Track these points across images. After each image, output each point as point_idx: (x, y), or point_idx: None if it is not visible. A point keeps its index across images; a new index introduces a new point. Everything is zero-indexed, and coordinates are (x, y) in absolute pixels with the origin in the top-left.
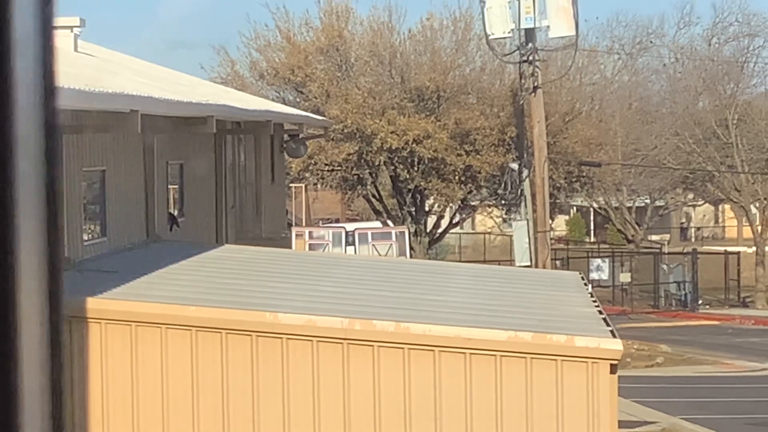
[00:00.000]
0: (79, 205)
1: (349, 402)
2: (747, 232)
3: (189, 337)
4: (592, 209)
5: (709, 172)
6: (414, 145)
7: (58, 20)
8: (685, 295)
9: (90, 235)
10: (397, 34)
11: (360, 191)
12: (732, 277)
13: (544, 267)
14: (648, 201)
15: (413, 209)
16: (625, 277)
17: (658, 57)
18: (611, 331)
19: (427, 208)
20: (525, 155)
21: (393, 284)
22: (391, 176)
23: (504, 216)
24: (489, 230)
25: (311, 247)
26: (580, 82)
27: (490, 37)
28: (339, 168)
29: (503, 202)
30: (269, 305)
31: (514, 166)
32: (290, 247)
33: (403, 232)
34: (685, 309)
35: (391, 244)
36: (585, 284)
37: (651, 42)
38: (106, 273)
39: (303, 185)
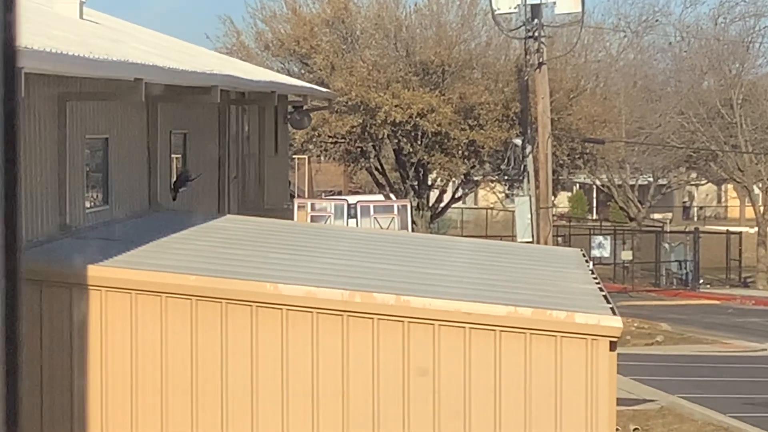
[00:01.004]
0: (81, 172)
1: (347, 374)
2: (749, 212)
3: (189, 306)
4: (594, 186)
5: (713, 152)
6: (418, 119)
7: None
8: (686, 274)
9: (92, 203)
10: (402, 8)
11: (363, 164)
12: (733, 257)
13: (545, 243)
14: (651, 179)
15: (416, 183)
16: (626, 255)
17: (663, 35)
18: (611, 309)
19: (429, 182)
20: (529, 131)
21: (394, 257)
22: (394, 150)
23: (506, 191)
24: (491, 205)
25: (313, 219)
26: (585, 59)
27: (496, 12)
28: (342, 140)
29: (506, 177)
30: (270, 276)
31: (518, 141)
32: (292, 219)
33: (406, 205)
34: (685, 288)
35: (393, 218)
36: (586, 261)
37: (657, 20)
38: (107, 241)
39: (306, 157)
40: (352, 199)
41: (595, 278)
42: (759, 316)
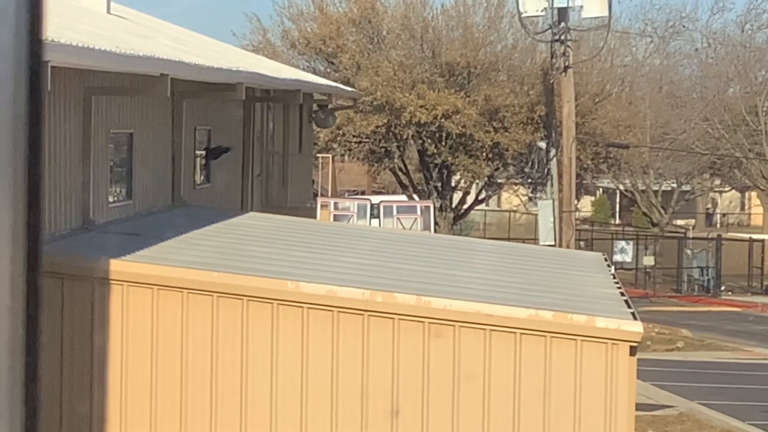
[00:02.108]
0: (105, 167)
1: (367, 373)
2: None
3: (210, 302)
4: (618, 191)
5: (737, 159)
6: (443, 120)
7: None
8: (708, 280)
9: (115, 198)
10: (429, 9)
11: (387, 164)
12: (756, 265)
13: (567, 247)
14: (674, 185)
15: (439, 184)
16: (648, 261)
17: (690, 41)
18: (632, 314)
19: (453, 184)
20: (553, 134)
21: (416, 258)
22: (418, 150)
23: (530, 194)
24: (514, 208)
25: (336, 218)
26: (611, 64)
27: (523, 15)
28: (367, 140)
29: (530, 180)
30: (291, 274)
31: (542, 144)
32: (315, 217)
33: (429, 206)
34: (707, 294)
35: (416, 218)
36: (608, 266)
37: (684, 26)
38: (129, 236)
39: (330, 156)
40: (375, 199)
41: (616, 283)
42: None
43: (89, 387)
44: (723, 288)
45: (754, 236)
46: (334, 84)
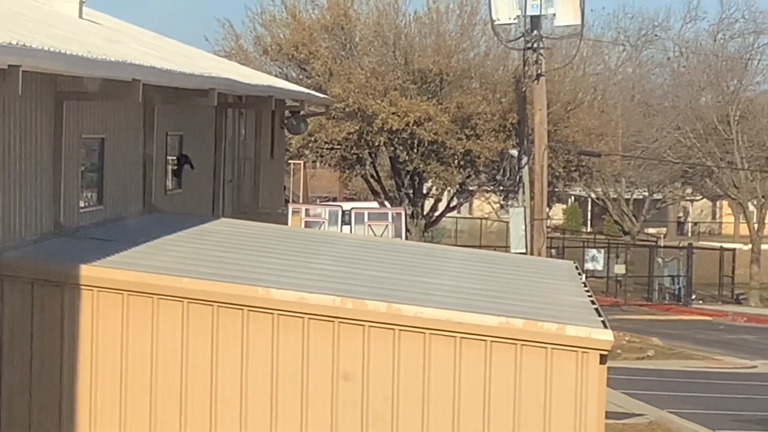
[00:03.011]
0: (76, 172)
1: (337, 380)
2: (744, 229)
3: (180, 308)
4: (589, 199)
5: (709, 168)
6: (414, 127)
7: None
8: (679, 289)
9: (86, 203)
10: (402, 16)
11: (359, 171)
12: (726, 274)
13: (539, 255)
14: (646, 194)
15: (411, 191)
16: (619, 269)
17: (662, 50)
18: (603, 322)
19: (424, 191)
20: (525, 142)
21: (387, 265)
22: (390, 157)
23: (501, 202)
24: (486, 216)
25: (307, 224)
26: (584, 72)
27: (496, 23)
28: (339, 147)
29: (501, 188)
30: (262, 280)
31: (514, 152)
32: (286, 224)
33: (400, 213)
34: (678, 303)
35: (387, 225)
36: (579, 274)
37: (656, 35)
38: (100, 241)
39: (302, 162)
40: (347, 205)
41: (587, 291)
42: (750, 333)
43: (59, 392)
44: (694, 297)
45: (725, 245)
46: (306, 90)
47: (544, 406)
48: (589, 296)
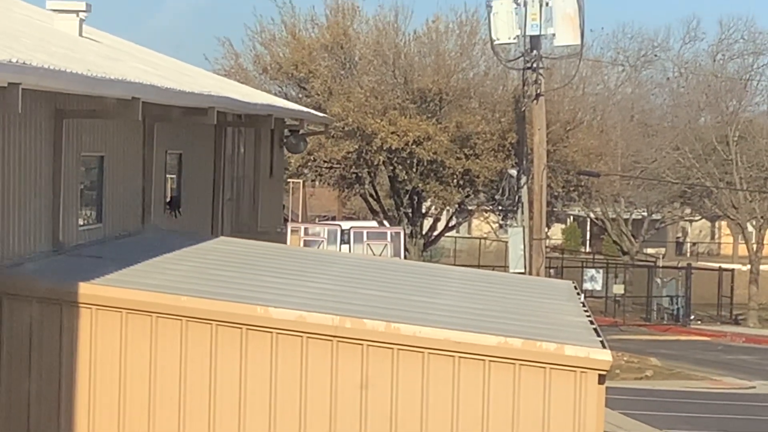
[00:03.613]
0: (75, 189)
1: (336, 399)
2: (742, 249)
3: (179, 326)
4: (588, 219)
5: (708, 188)
6: (414, 147)
7: (64, 4)
8: (678, 309)
9: (85, 221)
10: (402, 35)
11: (357, 190)
12: (725, 294)
13: (538, 275)
14: (645, 214)
15: (410, 210)
16: (618, 289)
17: (662, 70)
18: (601, 342)
19: (423, 210)
20: (524, 162)
21: (386, 284)
22: (389, 176)
23: (500, 222)
24: (485, 235)
25: (306, 243)
26: (583, 92)
27: (495, 43)
28: (338, 166)
29: (500, 207)
30: (261, 299)
31: (513, 172)
32: (285, 243)
33: (399, 232)
34: (676, 323)
35: (386, 245)
36: (577, 294)
37: (656, 55)
38: (99, 259)
39: (301, 181)
40: (346, 224)
41: (586, 311)
42: (749, 353)
43: (57, 410)
44: (692, 317)
45: (724, 265)
46: (305, 109)
47: (543, 426)
48: (588, 316)
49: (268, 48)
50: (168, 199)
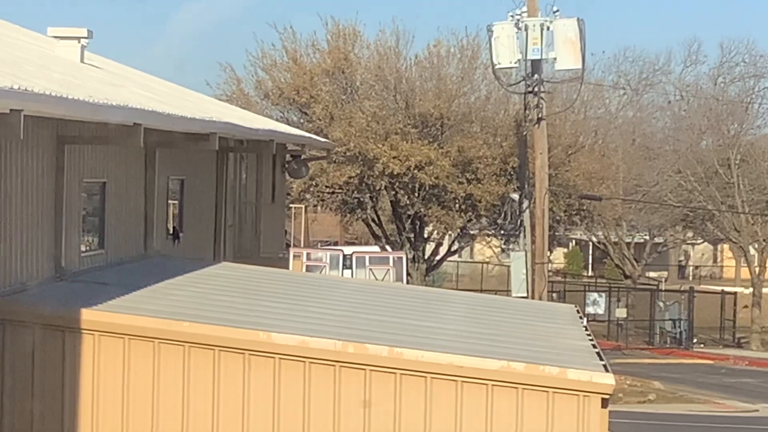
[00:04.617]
0: (77, 215)
1: (339, 424)
2: (745, 272)
3: (182, 352)
4: (590, 243)
5: (710, 211)
6: (416, 171)
7: (66, 31)
8: (681, 332)
9: (87, 247)
10: (403, 60)
11: (360, 215)
12: (728, 317)
13: (540, 299)
14: (647, 237)
15: (412, 235)
16: (621, 313)
17: (663, 94)
18: (604, 366)
19: (426, 235)
20: (526, 186)
21: (388, 309)
22: (391, 201)
23: (502, 246)
24: (487, 260)
25: (308, 268)
26: (585, 116)
27: (497, 67)
28: (340, 191)
29: (502, 232)
30: (263, 324)
31: (515, 196)
32: (287, 268)
33: (401, 257)
34: (679, 347)
35: (389, 269)
36: (580, 317)
37: (657, 79)
38: (101, 285)
39: (303, 206)
40: (348, 249)
41: (588, 335)
42: (752, 376)
43: None
44: (695, 340)
45: (727, 289)
46: (307, 134)
47: None
48: (591, 340)
49: (269, 73)
50: (171, 231)
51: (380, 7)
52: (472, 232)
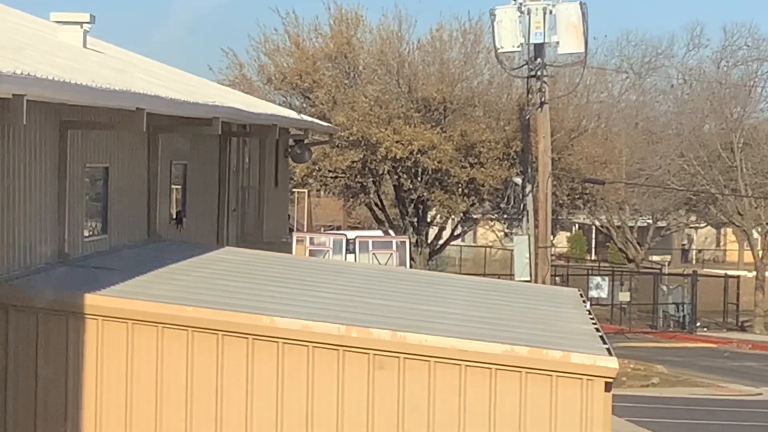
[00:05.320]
0: (80, 201)
1: (342, 409)
2: (748, 256)
3: (185, 337)
4: (593, 227)
5: (713, 195)
6: (418, 156)
7: (68, 16)
8: (684, 316)
9: (91, 232)
10: (406, 44)
11: (363, 199)
12: (731, 301)
13: (543, 283)
14: (650, 221)
15: (415, 219)
16: (624, 296)
17: (666, 78)
18: (607, 349)
19: (429, 219)
20: (529, 170)
21: (391, 293)
22: (394, 186)
23: (505, 230)
24: (490, 244)
25: (311, 253)
26: (587, 100)
27: (499, 51)
28: (343, 175)
29: (505, 216)
30: (266, 309)
31: (518, 180)
32: (291, 252)
33: (404, 242)
34: (683, 330)
35: (392, 254)
36: (583, 301)
37: (660, 63)
38: (104, 270)
39: (306, 191)
40: (351, 234)
41: (592, 319)
42: (755, 360)
43: (63, 421)
44: (698, 324)
45: (730, 272)
46: (309, 119)
47: None
48: (594, 324)
49: (272, 58)
50: (175, 216)
51: None
52: (475, 217)
